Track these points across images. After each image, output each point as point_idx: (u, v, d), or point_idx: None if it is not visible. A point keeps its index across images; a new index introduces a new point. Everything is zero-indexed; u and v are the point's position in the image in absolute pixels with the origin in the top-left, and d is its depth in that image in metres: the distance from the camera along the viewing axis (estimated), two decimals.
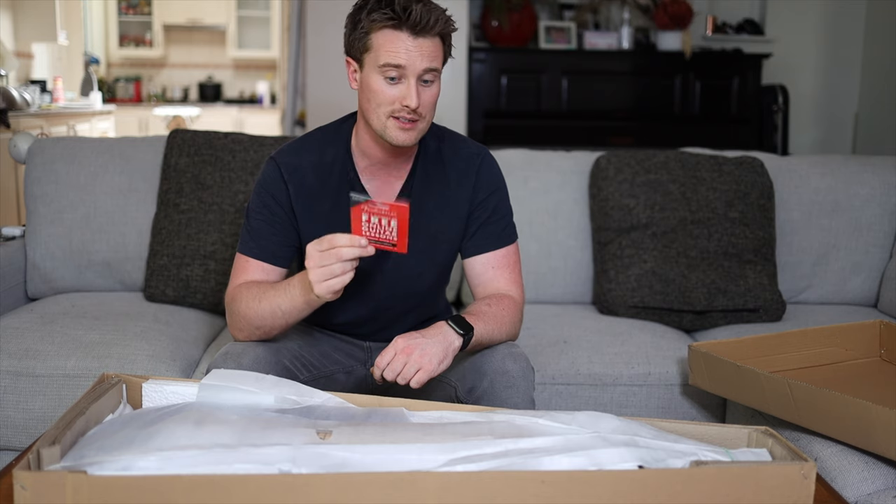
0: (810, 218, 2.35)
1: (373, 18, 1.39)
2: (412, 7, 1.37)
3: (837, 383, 1.55)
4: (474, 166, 1.58)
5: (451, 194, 1.57)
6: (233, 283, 1.54)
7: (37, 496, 0.94)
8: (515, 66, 4.65)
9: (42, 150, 2.30)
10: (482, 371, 1.46)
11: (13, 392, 1.75)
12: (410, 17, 1.36)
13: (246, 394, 1.23)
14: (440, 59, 1.43)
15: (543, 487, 0.98)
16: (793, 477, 1.03)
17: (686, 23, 4.59)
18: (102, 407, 1.17)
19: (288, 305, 1.42)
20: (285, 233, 1.53)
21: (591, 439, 1.11)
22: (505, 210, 1.62)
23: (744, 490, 1.02)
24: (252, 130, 3.00)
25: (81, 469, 0.97)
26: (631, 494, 0.99)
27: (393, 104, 1.41)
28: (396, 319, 1.64)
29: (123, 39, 8.37)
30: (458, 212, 1.57)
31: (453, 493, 0.98)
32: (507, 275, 1.60)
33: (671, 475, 1.01)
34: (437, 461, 1.04)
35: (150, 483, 0.96)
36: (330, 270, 1.30)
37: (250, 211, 1.54)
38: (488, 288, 1.59)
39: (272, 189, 1.53)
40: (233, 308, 1.50)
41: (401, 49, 1.38)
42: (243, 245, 1.54)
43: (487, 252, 1.59)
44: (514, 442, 1.09)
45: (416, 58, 1.39)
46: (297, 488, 0.97)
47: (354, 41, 1.43)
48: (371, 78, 1.42)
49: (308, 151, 1.55)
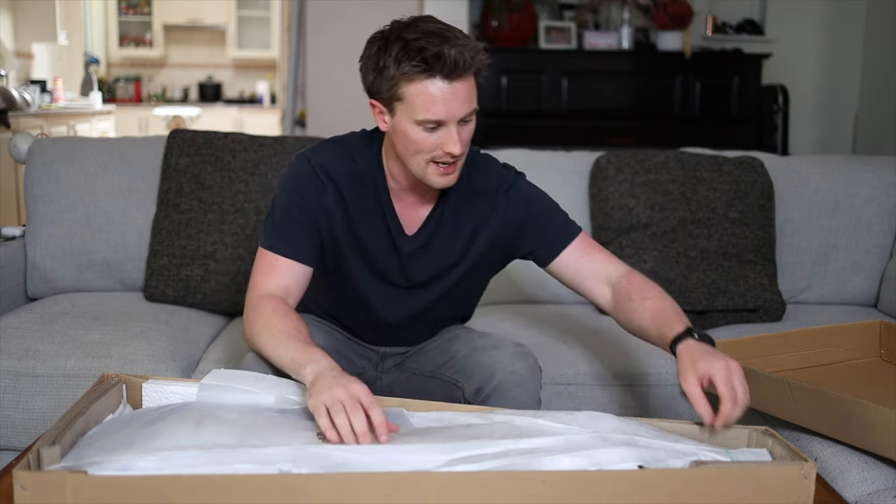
0: (810, 218, 2.35)
1: (403, 70, 1.29)
2: (444, 53, 1.28)
3: (837, 383, 1.55)
4: (503, 192, 1.52)
5: (481, 220, 1.52)
6: (260, 286, 1.42)
7: (37, 496, 0.94)
8: (515, 66, 4.64)
9: (42, 150, 2.29)
10: (491, 371, 1.46)
11: (13, 392, 1.75)
12: (445, 65, 1.28)
13: (246, 394, 1.23)
14: (476, 96, 1.36)
15: (544, 487, 0.98)
16: (793, 477, 1.03)
17: (686, 23, 4.59)
18: (102, 407, 1.17)
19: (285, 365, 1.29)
20: (314, 232, 1.46)
21: (591, 439, 1.12)
22: (554, 210, 1.55)
23: (744, 490, 1.02)
24: (252, 130, 3.00)
25: (81, 469, 0.97)
26: (631, 494, 0.99)
27: (434, 151, 1.35)
28: (412, 333, 1.64)
29: (123, 39, 8.38)
30: (488, 237, 1.52)
31: (453, 493, 0.97)
32: (599, 255, 1.52)
33: (671, 475, 1.02)
34: (437, 461, 1.04)
35: (150, 483, 0.96)
36: (338, 411, 1.12)
37: (278, 207, 1.45)
38: (594, 272, 1.51)
39: (304, 188, 1.45)
40: (250, 317, 1.39)
41: (438, 101, 1.30)
42: (270, 242, 1.44)
43: (565, 248, 1.52)
44: (514, 442, 1.09)
45: (454, 106, 1.31)
46: (297, 488, 0.97)
47: (381, 87, 1.34)
48: (407, 127, 1.34)
49: (343, 157, 1.48)
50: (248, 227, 2.15)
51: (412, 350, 1.66)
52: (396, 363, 1.66)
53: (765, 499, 1.02)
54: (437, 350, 1.62)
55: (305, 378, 1.21)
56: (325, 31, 4.36)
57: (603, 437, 1.12)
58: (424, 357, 1.63)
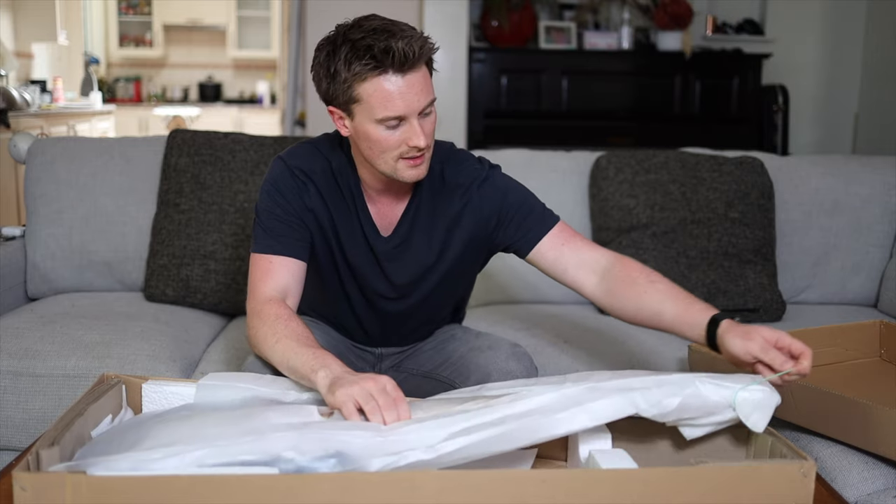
0: (810, 218, 2.35)
1: (354, 71, 1.29)
2: (392, 46, 1.26)
3: (837, 383, 1.55)
4: (476, 186, 1.50)
5: (456, 216, 1.51)
6: (259, 290, 1.41)
7: (37, 496, 0.94)
8: (515, 66, 4.64)
9: (42, 150, 2.30)
10: (487, 371, 1.46)
11: (13, 392, 1.75)
12: (395, 58, 1.27)
13: (244, 391, 1.24)
14: (431, 85, 1.34)
15: (543, 487, 0.98)
16: (793, 476, 1.03)
17: (686, 23, 4.59)
18: (101, 408, 1.17)
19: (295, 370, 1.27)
20: (302, 229, 1.46)
21: (584, 392, 1.11)
22: (531, 200, 1.53)
23: (744, 489, 1.02)
24: (252, 130, 3.00)
25: (81, 469, 0.97)
26: (631, 493, 0.99)
27: (400, 147, 1.34)
28: (405, 333, 1.64)
29: (123, 39, 8.38)
30: (464, 232, 1.51)
31: (452, 493, 0.98)
32: (581, 243, 1.50)
33: (672, 474, 1.02)
34: (438, 436, 1.05)
35: (150, 483, 0.96)
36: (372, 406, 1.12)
37: (262, 212, 1.46)
38: (578, 261, 1.48)
39: (284, 189, 1.46)
40: (253, 323, 1.38)
41: (395, 97, 1.29)
42: (261, 245, 1.44)
43: (543, 237, 1.49)
44: (509, 406, 1.09)
45: (412, 99, 1.30)
46: (297, 488, 0.97)
47: (336, 93, 1.33)
48: (368, 128, 1.33)
49: (318, 157, 1.49)
50: (248, 227, 2.15)
51: (409, 351, 1.66)
52: (394, 364, 1.66)
53: (765, 498, 1.02)
54: (433, 350, 1.62)
55: (318, 383, 1.20)
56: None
57: (594, 387, 1.11)
58: (421, 357, 1.63)
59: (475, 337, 1.58)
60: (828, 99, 4.99)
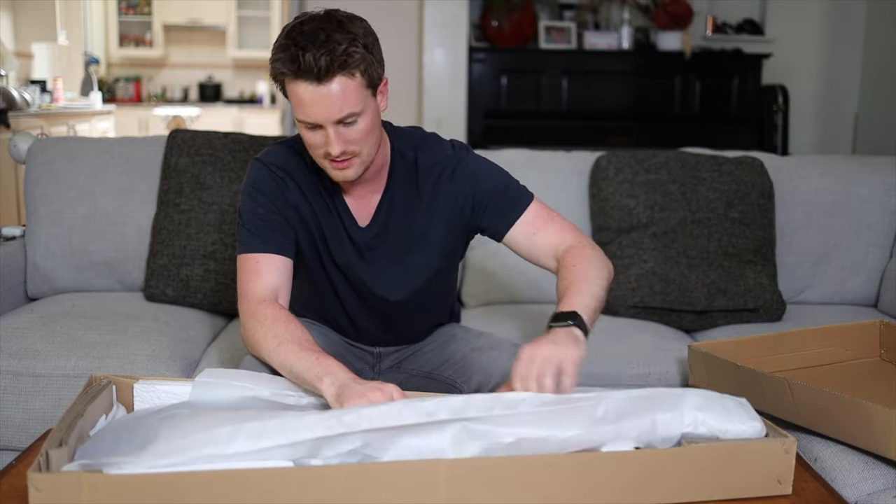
0: (810, 218, 2.35)
1: (276, 69, 1.28)
2: (299, 57, 1.24)
3: (837, 383, 1.55)
4: (449, 171, 1.49)
5: (432, 201, 1.50)
6: (250, 291, 1.41)
7: (52, 496, 0.94)
8: (515, 66, 4.64)
9: (42, 150, 2.30)
10: (488, 372, 1.46)
11: (13, 392, 1.75)
12: (303, 67, 1.24)
13: (242, 390, 1.24)
14: (356, 98, 1.29)
15: (550, 471, 1.06)
16: (776, 452, 1.12)
17: (686, 23, 4.59)
18: (97, 408, 1.18)
19: (298, 375, 1.27)
20: (286, 226, 1.47)
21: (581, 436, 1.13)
22: (504, 182, 1.52)
23: (732, 465, 1.11)
24: (252, 130, 3.00)
25: (97, 469, 0.97)
26: (629, 474, 1.08)
27: (320, 149, 1.34)
28: (400, 329, 1.63)
29: (123, 39, 8.38)
30: (442, 217, 1.51)
31: (463, 479, 1.03)
32: (552, 228, 1.50)
33: (666, 455, 1.11)
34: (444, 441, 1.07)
35: (165, 480, 0.97)
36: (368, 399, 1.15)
37: (245, 213, 1.47)
38: (547, 249, 1.49)
39: (265, 189, 1.46)
40: (250, 325, 1.38)
41: (307, 104, 1.28)
42: (247, 245, 1.45)
43: (516, 221, 1.49)
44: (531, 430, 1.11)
45: (325, 110, 1.28)
46: (311, 481, 0.99)
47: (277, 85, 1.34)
48: (298, 123, 1.34)
49: (294, 154, 1.49)
50: None
51: (408, 350, 1.66)
52: (394, 364, 1.66)
53: (750, 473, 1.12)
54: (434, 351, 1.62)
55: (324, 391, 1.20)
56: None
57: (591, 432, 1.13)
58: (422, 358, 1.63)
59: (476, 337, 1.58)
60: (828, 99, 4.99)
